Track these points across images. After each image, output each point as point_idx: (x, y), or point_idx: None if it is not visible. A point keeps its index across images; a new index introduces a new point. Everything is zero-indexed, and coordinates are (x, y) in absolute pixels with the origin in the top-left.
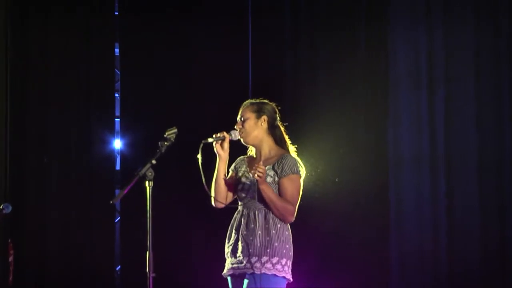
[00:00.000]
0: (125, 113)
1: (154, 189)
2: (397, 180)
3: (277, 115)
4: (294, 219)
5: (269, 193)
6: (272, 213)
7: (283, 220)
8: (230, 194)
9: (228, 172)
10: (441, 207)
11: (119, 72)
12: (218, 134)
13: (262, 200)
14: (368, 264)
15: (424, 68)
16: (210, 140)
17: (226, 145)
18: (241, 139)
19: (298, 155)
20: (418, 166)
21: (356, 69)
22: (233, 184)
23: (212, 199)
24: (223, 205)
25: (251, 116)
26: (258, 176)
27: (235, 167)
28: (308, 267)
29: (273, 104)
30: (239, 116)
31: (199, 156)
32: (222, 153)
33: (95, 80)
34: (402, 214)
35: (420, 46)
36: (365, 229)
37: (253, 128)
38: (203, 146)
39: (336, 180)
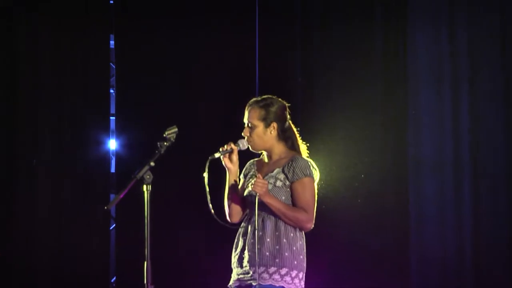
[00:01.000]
0: (120, 111)
1: (152, 194)
2: (417, 185)
3: (287, 114)
4: (313, 225)
5: (276, 205)
6: (285, 223)
7: (301, 228)
8: (244, 207)
9: (239, 181)
10: (466, 215)
11: (114, 66)
12: (225, 147)
13: (266, 209)
14: (387, 274)
15: (446, 62)
16: (217, 155)
17: (235, 157)
18: (250, 147)
19: (309, 157)
20: (441, 169)
21: (372, 64)
22: (244, 194)
23: (227, 215)
24: (238, 222)
25: (259, 124)
26: (258, 190)
27: (244, 173)
28: (322, 278)
29: (282, 102)
30: (245, 119)
31: (205, 174)
32: (231, 166)
33: (88, 75)
34: (422, 223)
35: (442, 38)
36: (382, 238)
37: (262, 137)
38: (209, 163)
39: (362, 176)
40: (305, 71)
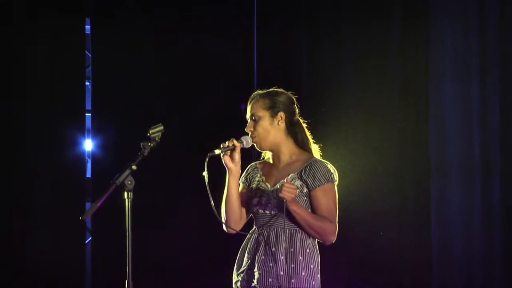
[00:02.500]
0: (97, 106)
1: (135, 202)
2: (440, 190)
3: (296, 107)
4: (336, 237)
5: (303, 214)
6: (306, 234)
7: (324, 241)
8: (244, 215)
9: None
10: (495, 224)
11: (90, 55)
12: (227, 143)
13: (289, 217)
14: (407, 286)
15: (474, 58)
16: (217, 152)
17: (237, 155)
18: (255, 145)
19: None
20: (467, 173)
21: (390, 56)
22: (247, 201)
23: (223, 225)
24: (236, 231)
25: (264, 114)
26: (287, 195)
27: (246, 178)
28: None
29: (289, 93)
30: (248, 114)
31: (205, 173)
32: (232, 166)
33: (60, 65)
34: (446, 233)
35: (469, 27)
36: (401, 248)
37: (269, 130)
38: (209, 160)
39: (381, 168)
40: (312, 71)
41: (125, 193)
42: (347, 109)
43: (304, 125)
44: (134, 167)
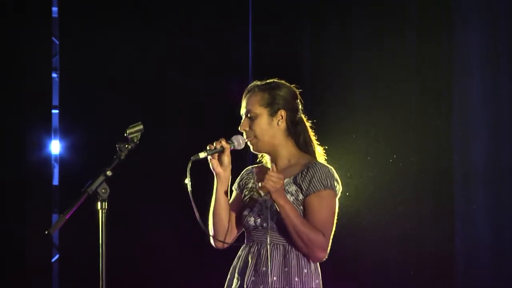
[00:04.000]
0: (66, 102)
1: (109, 213)
2: (465, 199)
3: (299, 104)
4: (327, 255)
5: (290, 213)
6: (295, 246)
7: (310, 256)
8: (236, 228)
9: (230, 193)
10: None
11: (58, 42)
12: (214, 145)
13: (280, 226)
14: None
15: (504, 45)
16: (202, 155)
17: (227, 159)
18: (250, 147)
19: (328, 163)
20: (495, 180)
21: (406, 48)
22: (239, 211)
23: (211, 238)
24: (226, 245)
25: (262, 112)
26: (271, 186)
27: (239, 184)
28: None
29: (292, 87)
30: (243, 110)
31: (187, 180)
32: (221, 171)
33: (22, 53)
34: (472, 248)
35: (497, 15)
36: (422, 263)
37: (267, 130)
38: (192, 165)
39: (396, 176)
40: (315, 57)
41: (99, 203)
42: (355, 108)
43: (308, 124)
44: (109, 173)
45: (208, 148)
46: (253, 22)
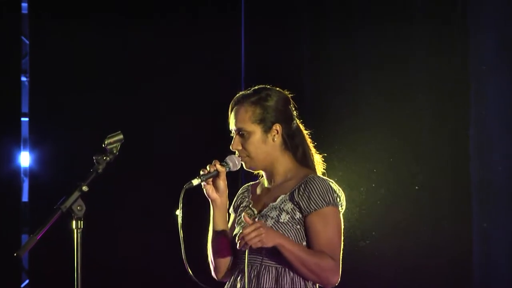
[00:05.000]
0: (37, 109)
1: (86, 232)
2: (484, 217)
3: (292, 109)
4: (339, 278)
5: (292, 248)
6: (304, 277)
7: (323, 284)
8: (234, 254)
9: (228, 217)
10: None
11: (27, 42)
12: (208, 169)
13: (275, 255)
14: None
15: None
16: (196, 182)
17: (223, 183)
18: (243, 165)
19: (327, 175)
20: None
21: (417, 47)
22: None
23: (212, 269)
24: (228, 278)
25: (255, 129)
26: (255, 243)
27: (233, 205)
28: None
29: (282, 92)
30: (232, 126)
31: (178, 212)
32: (217, 197)
33: None
34: (493, 268)
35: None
36: (437, 284)
37: (261, 148)
38: (185, 193)
39: (416, 188)
40: (315, 59)
41: (74, 222)
42: (361, 113)
43: (306, 132)
44: (85, 188)
45: (201, 173)
46: (245, 19)
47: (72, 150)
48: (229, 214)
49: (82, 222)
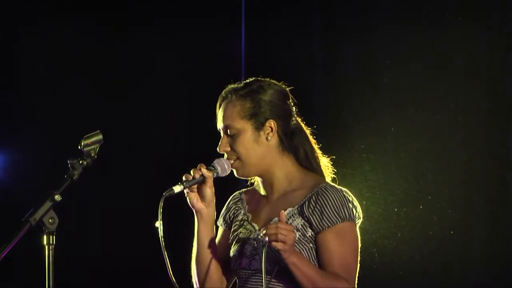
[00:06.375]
0: (3, 108)
1: (59, 248)
2: None
3: (291, 104)
4: None
5: (305, 269)
6: None
7: None
8: (228, 277)
9: (216, 229)
10: None
11: None
12: (192, 174)
13: (280, 269)
14: None
15: None
16: (177, 189)
17: (210, 190)
18: (234, 171)
19: (336, 182)
20: None
21: (450, 31)
22: (227, 252)
23: None
24: None
25: (245, 126)
26: (282, 246)
27: (225, 217)
28: None
29: (279, 85)
30: (220, 124)
31: (158, 223)
32: (202, 207)
33: None
34: None
35: None
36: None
37: (254, 149)
38: (165, 203)
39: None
40: (330, 61)
41: (44, 238)
42: (383, 114)
43: (308, 131)
44: (57, 197)
45: (184, 179)
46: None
47: (42, 153)
48: (217, 227)
49: (54, 237)
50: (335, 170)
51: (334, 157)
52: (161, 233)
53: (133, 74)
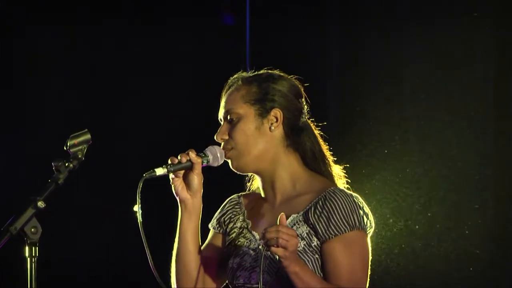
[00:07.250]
0: None
1: (41, 261)
2: None
3: (303, 103)
4: None
5: (308, 280)
6: None
7: None
8: (211, 284)
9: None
10: None
11: None
12: (179, 158)
13: (281, 283)
14: None
15: None
16: (160, 171)
17: (197, 179)
18: (229, 163)
19: (349, 188)
20: None
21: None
22: (219, 260)
23: None
24: None
25: (247, 112)
26: (281, 245)
27: (220, 221)
28: None
29: (292, 79)
30: (221, 112)
31: (137, 207)
32: (187, 196)
33: None
34: None
35: None
36: None
37: (254, 138)
38: (144, 185)
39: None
40: (346, 55)
41: (26, 249)
42: (402, 110)
43: (317, 132)
44: (41, 204)
45: (169, 162)
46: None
47: (22, 155)
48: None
49: (37, 248)
50: (348, 179)
51: (348, 165)
52: (140, 217)
53: (134, 75)
